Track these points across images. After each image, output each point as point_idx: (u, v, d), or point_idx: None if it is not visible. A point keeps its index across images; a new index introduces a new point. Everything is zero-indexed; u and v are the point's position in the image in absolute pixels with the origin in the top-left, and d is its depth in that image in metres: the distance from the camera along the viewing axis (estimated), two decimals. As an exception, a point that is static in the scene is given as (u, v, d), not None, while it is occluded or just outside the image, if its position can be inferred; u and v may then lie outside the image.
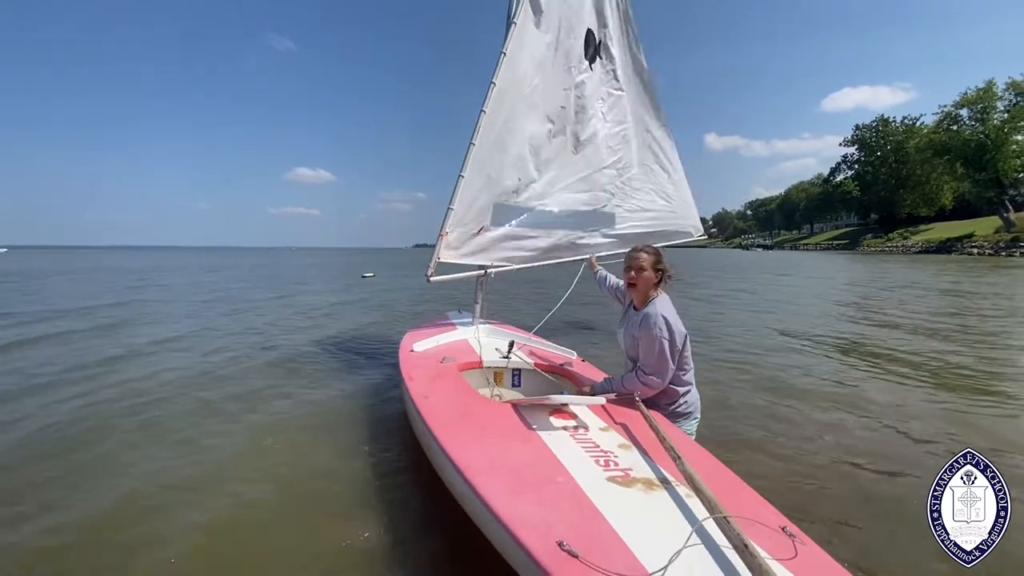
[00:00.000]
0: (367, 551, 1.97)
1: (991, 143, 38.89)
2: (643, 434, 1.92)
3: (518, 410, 2.13)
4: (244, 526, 2.17)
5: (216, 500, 2.37)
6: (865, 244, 53.05)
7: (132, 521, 2.19)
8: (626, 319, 2.47)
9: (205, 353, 5.42)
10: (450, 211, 3.56)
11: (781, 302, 10.46)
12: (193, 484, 2.52)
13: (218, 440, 3.07)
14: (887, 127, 58.90)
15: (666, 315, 2.21)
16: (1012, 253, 31.38)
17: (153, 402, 3.75)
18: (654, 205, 4.87)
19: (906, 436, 3.10)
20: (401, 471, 2.62)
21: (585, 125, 4.30)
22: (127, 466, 2.71)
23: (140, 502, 2.35)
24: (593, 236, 4.38)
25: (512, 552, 1.31)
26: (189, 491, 2.45)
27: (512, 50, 3.70)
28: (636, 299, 2.40)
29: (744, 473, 1.69)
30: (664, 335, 2.17)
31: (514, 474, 1.59)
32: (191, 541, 2.04)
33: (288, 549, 2.00)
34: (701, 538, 1.23)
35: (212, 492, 2.44)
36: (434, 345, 3.33)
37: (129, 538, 2.07)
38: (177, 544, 2.02)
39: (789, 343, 6.03)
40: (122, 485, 2.50)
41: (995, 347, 5.68)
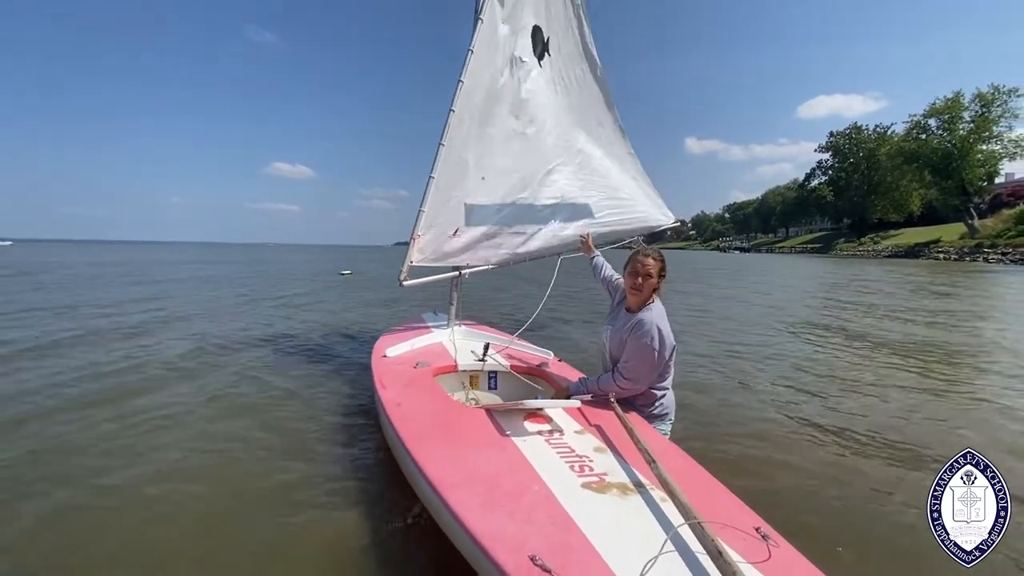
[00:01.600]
0: (339, 554, 1.92)
1: (957, 152, 40.40)
2: (618, 436, 1.91)
3: (492, 416, 2.12)
4: (204, 536, 2.08)
5: (171, 508, 2.27)
6: (838, 248, 54.55)
7: (92, 519, 2.11)
8: (616, 318, 2.43)
9: (164, 360, 5.12)
10: (421, 213, 3.50)
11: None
12: (149, 495, 2.39)
13: (173, 448, 2.90)
14: (860, 134, 60.76)
15: (660, 325, 2.19)
16: (975, 258, 32.67)
17: (119, 402, 3.58)
18: (621, 196, 4.86)
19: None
20: (373, 481, 2.54)
21: (544, 121, 4.28)
22: (75, 468, 2.57)
23: (92, 506, 2.26)
24: (568, 229, 4.36)
25: (484, 567, 1.29)
26: (147, 500, 2.34)
27: (479, 47, 3.66)
28: (633, 303, 2.33)
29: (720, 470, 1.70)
30: (655, 345, 2.16)
31: (488, 486, 1.57)
32: (154, 541, 1.97)
33: (256, 553, 1.95)
34: (675, 545, 1.23)
35: (170, 500, 2.34)
36: (408, 350, 3.26)
37: (89, 537, 2.00)
38: (133, 544, 1.95)
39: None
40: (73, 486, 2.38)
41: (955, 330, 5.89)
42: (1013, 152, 39.58)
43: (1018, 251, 31.02)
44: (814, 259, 42.55)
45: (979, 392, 4.08)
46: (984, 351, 5.73)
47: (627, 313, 2.35)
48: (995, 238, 34.85)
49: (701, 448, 2.85)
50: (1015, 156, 39.80)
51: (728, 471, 2.45)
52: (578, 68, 4.65)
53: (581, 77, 4.67)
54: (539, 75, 4.28)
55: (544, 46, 4.37)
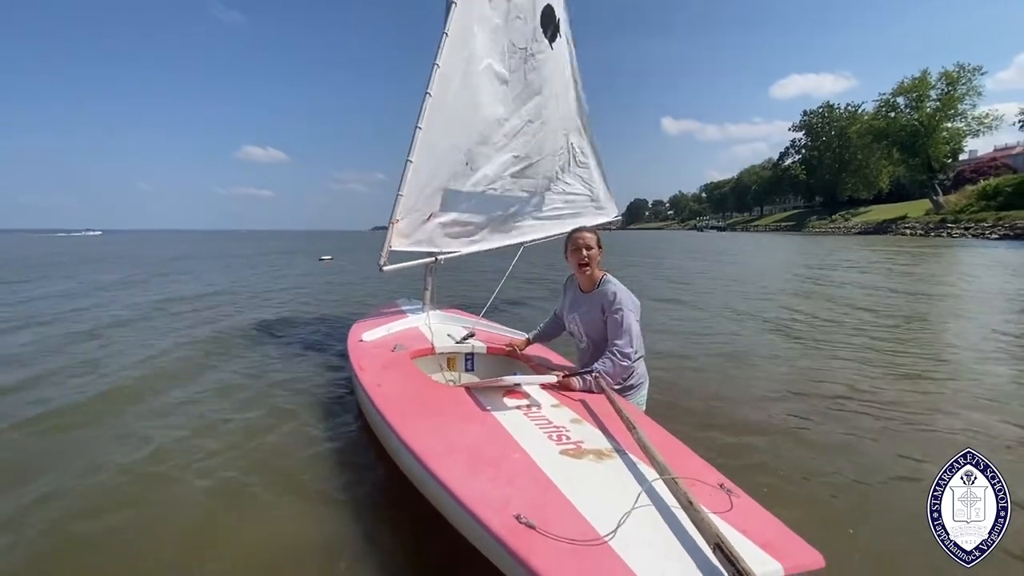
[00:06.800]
0: (320, 540, 1.91)
1: (924, 130, 41.56)
2: (592, 409, 2.01)
3: (472, 393, 2.18)
4: (184, 521, 2.05)
5: (153, 493, 2.24)
6: (811, 225, 55.92)
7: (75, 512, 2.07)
8: (578, 304, 2.48)
9: (135, 343, 5.01)
10: (399, 198, 3.48)
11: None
12: (133, 474, 2.39)
13: (153, 432, 2.85)
14: (832, 113, 61.83)
15: (620, 291, 2.31)
16: (940, 233, 33.90)
17: (89, 394, 3.41)
18: (578, 191, 5.00)
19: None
20: (355, 460, 2.54)
21: (540, 109, 4.24)
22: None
23: (73, 495, 2.21)
24: (526, 220, 4.42)
25: (472, 530, 1.37)
26: (128, 483, 2.32)
27: (455, 31, 3.55)
28: (585, 282, 2.44)
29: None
30: (629, 306, 2.27)
31: (471, 455, 1.65)
32: (136, 531, 1.96)
33: (237, 539, 1.93)
34: (650, 498, 1.35)
35: (149, 487, 2.30)
36: (384, 334, 3.27)
37: (73, 532, 1.96)
38: (123, 535, 1.93)
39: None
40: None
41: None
42: (976, 129, 40.94)
43: (979, 226, 32.30)
44: (788, 237, 43.55)
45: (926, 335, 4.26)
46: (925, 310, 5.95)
47: (585, 294, 2.44)
48: (958, 213, 36.16)
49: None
50: (978, 133, 41.19)
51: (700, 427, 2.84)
52: (561, 53, 4.56)
53: (564, 62, 4.60)
54: (546, 59, 4.22)
55: (555, 28, 4.28)
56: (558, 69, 4.42)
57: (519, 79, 4.04)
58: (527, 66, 4.10)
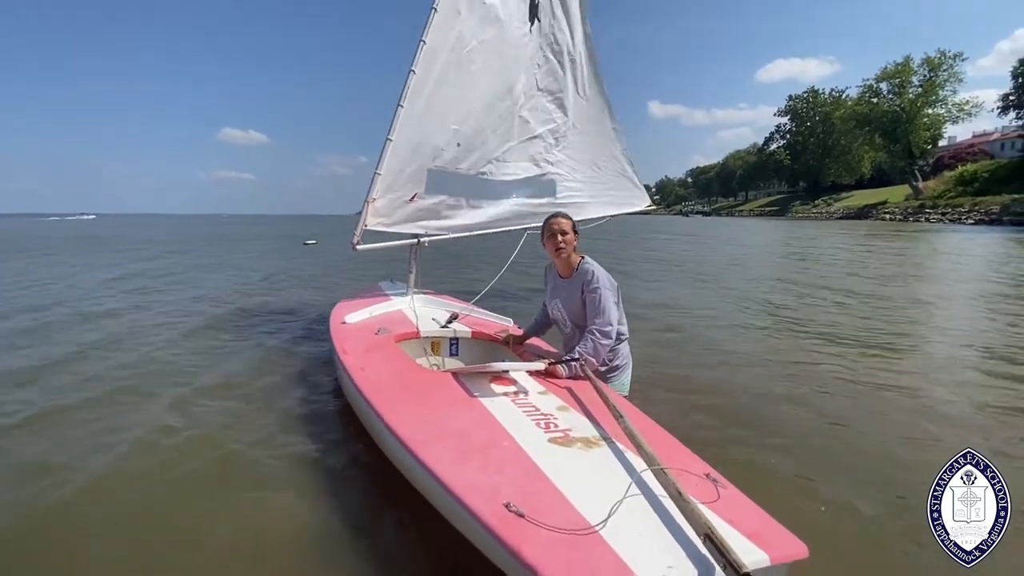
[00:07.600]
0: (302, 530, 1.85)
1: (905, 115, 42.08)
2: (579, 396, 1.99)
3: (459, 378, 2.15)
4: (168, 508, 2.01)
5: (124, 487, 2.17)
6: (794, 210, 56.59)
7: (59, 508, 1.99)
8: (558, 290, 2.48)
9: (119, 329, 4.88)
10: (377, 176, 3.41)
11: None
12: (105, 469, 2.30)
13: (130, 422, 2.77)
14: (817, 98, 62.12)
15: (598, 271, 2.32)
16: (918, 219, 34.62)
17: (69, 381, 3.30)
18: (591, 176, 4.75)
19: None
20: (336, 445, 2.49)
21: (528, 90, 4.09)
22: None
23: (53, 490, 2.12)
24: (533, 205, 4.28)
25: (461, 518, 1.35)
26: (100, 478, 2.23)
27: (445, 6, 3.44)
28: (563, 267, 2.44)
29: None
30: (607, 285, 2.29)
31: (458, 442, 1.62)
32: (117, 523, 1.91)
33: (216, 531, 1.86)
34: (640, 488, 1.33)
35: (121, 481, 2.22)
36: (367, 316, 3.19)
37: (52, 528, 1.90)
38: (96, 532, 1.87)
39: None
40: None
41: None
42: (956, 116, 41.59)
43: (956, 211, 33.05)
44: (772, 221, 44.03)
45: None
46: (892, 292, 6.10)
47: (565, 280, 2.44)
48: (936, 199, 36.94)
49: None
50: (958, 119, 41.87)
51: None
52: (568, 35, 4.33)
53: (569, 44, 4.36)
54: (528, 41, 4.02)
55: (535, 9, 4.09)
56: (537, 53, 4.23)
57: (517, 59, 3.90)
58: (520, 47, 3.96)
